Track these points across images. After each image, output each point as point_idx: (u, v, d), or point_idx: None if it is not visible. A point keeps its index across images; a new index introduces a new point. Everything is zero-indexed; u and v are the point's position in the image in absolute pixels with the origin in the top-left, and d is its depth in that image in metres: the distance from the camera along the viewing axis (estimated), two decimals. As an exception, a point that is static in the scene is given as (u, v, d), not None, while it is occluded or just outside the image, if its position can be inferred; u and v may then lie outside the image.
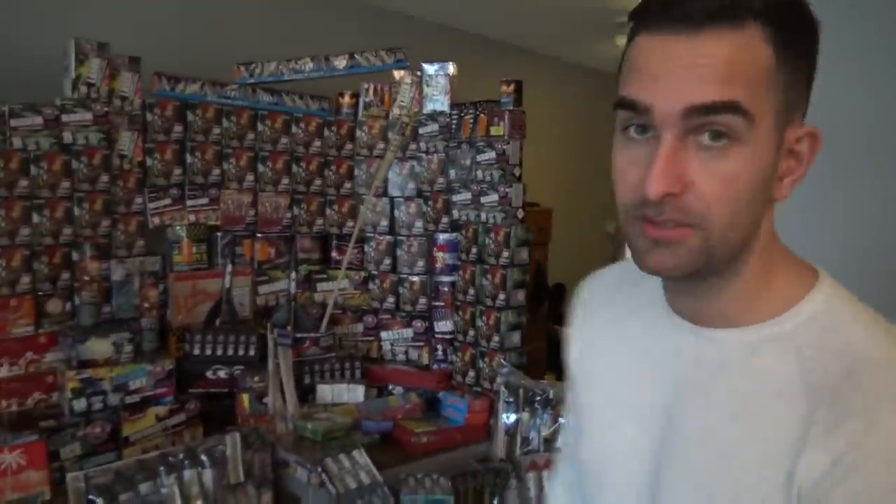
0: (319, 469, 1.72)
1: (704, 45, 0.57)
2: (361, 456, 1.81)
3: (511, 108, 2.25)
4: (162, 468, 1.56)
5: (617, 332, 0.79)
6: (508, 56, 4.45)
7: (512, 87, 2.27)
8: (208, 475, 1.62)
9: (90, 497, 1.46)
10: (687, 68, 0.57)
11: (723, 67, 0.56)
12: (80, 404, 1.82)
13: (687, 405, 0.68)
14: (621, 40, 4.02)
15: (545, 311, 4.50)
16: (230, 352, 2.11)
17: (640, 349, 0.75)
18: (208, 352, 2.09)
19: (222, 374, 2.10)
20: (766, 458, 0.61)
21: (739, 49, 0.57)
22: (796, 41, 0.60)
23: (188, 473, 1.59)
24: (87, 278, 1.94)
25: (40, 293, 1.93)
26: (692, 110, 0.57)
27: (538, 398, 2.06)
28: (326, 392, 2.17)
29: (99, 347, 1.88)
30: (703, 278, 0.66)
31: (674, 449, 0.68)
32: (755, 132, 0.58)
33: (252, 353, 2.13)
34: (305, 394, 2.16)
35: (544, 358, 3.90)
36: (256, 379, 2.03)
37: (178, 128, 2.20)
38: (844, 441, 0.57)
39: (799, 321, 0.64)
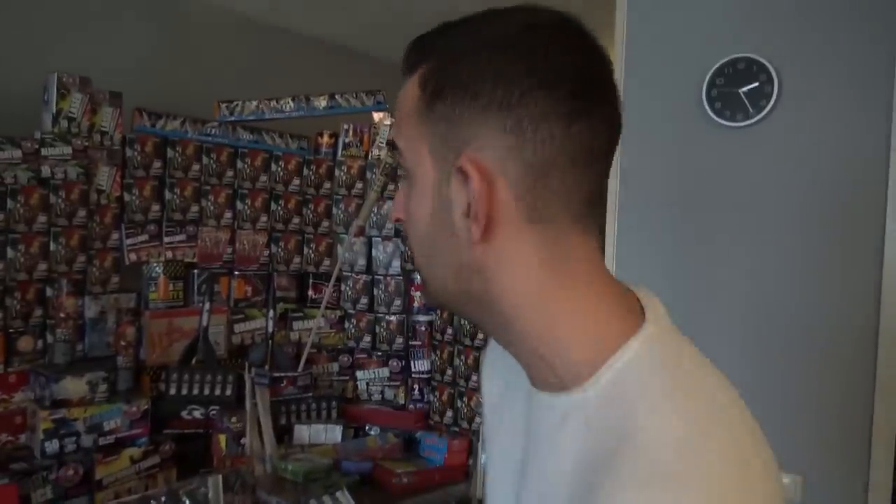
0: (303, 511, 1.70)
1: (399, 95, 0.63)
2: (345, 497, 1.79)
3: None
4: (143, 511, 1.52)
5: (504, 391, 0.75)
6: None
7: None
8: (190, 518, 1.58)
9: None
10: None
11: (396, 111, 0.63)
12: (52, 446, 1.76)
13: (524, 472, 0.65)
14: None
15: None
16: (206, 391, 2.08)
17: (511, 407, 0.71)
18: (184, 391, 2.05)
19: (198, 414, 2.05)
20: None
21: (403, 93, 0.62)
22: (454, 77, 0.57)
23: (170, 516, 1.55)
24: (62, 315, 1.89)
25: (11, 330, 1.88)
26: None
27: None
28: (304, 432, 2.14)
29: (73, 386, 1.83)
30: (492, 332, 0.64)
31: None
32: (414, 166, 0.60)
33: (229, 392, 2.09)
34: (282, 434, 2.13)
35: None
36: (234, 419, 2.00)
37: (157, 164, 2.19)
38: None
39: (599, 388, 0.57)
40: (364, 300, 2.48)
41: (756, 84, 1.85)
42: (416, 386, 2.40)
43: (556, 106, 0.55)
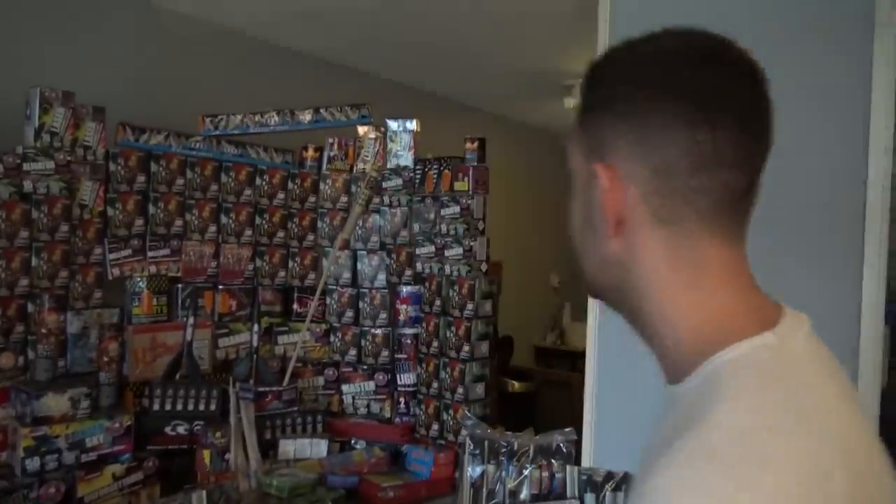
0: (289, 526, 1.69)
1: None
2: (331, 512, 1.78)
3: (475, 164, 2.32)
4: (126, 529, 1.50)
5: None
6: (463, 115, 4.58)
7: (476, 143, 2.34)
8: (174, 535, 1.56)
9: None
10: None
11: None
12: (33, 463, 1.74)
13: None
14: (569, 102, 4.18)
15: (496, 363, 4.53)
16: (190, 406, 2.06)
17: None
18: (168, 407, 2.03)
19: (182, 429, 2.04)
20: None
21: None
22: (596, 92, 0.67)
23: (153, 534, 1.53)
24: (44, 331, 1.87)
25: (-8, 347, 1.86)
26: None
27: (504, 450, 2.07)
28: (289, 447, 2.13)
29: (55, 403, 1.81)
30: (632, 323, 0.69)
31: None
32: (572, 165, 0.70)
33: (213, 407, 2.08)
34: (267, 449, 2.11)
35: (495, 410, 3.91)
36: (218, 434, 1.98)
37: (141, 178, 2.18)
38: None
39: (698, 379, 0.60)
40: (349, 313, 2.48)
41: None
42: (402, 399, 2.40)
43: (681, 115, 0.59)
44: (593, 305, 2.08)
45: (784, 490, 0.49)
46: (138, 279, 2.17)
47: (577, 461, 1.90)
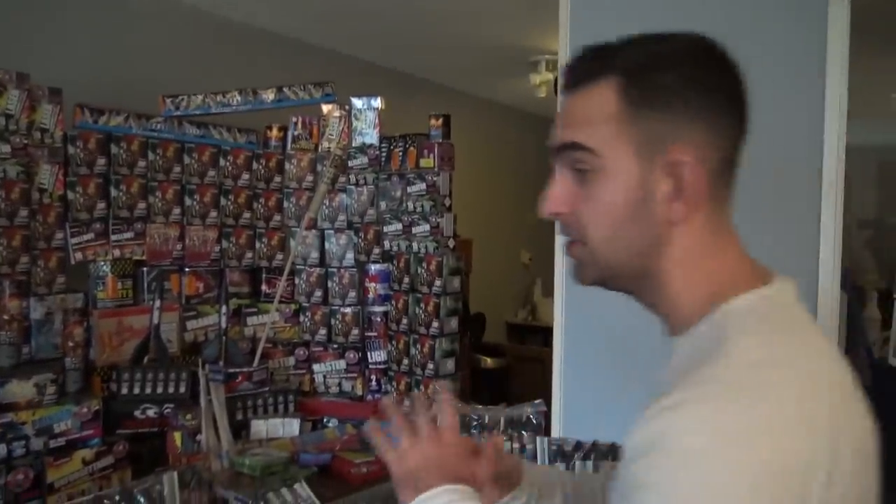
0: (262, 504, 1.69)
1: (568, 102, 0.76)
2: (303, 489, 1.79)
3: (440, 140, 2.32)
4: (97, 512, 1.49)
5: None
6: (429, 93, 4.55)
7: (440, 120, 2.34)
8: (146, 517, 1.56)
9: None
10: (558, 119, 0.76)
11: (572, 116, 0.74)
12: (0, 450, 1.72)
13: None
14: (536, 78, 4.18)
15: (468, 340, 4.56)
16: (160, 390, 2.05)
17: None
18: (136, 390, 2.02)
19: (152, 413, 2.03)
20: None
21: (588, 100, 0.73)
22: (654, 87, 0.71)
23: (125, 516, 1.53)
24: (6, 317, 1.84)
25: (-48, 334, 1.83)
26: (556, 149, 0.75)
27: (474, 423, 2.10)
28: (261, 427, 2.13)
29: (20, 389, 1.79)
30: (639, 294, 0.77)
31: None
32: (609, 163, 0.71)
33: (182, 390, 2.07)
34: (239, 430, 2.11)
35: (469, 386, 3.95)
36: (188, 416, 1.98)
37: (101, 161, 2.15)
38: (648, 413, 0.62)
39: (710, 322, 0.70)
40: (318, 293, 2.48)
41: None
42: (373, 377, 2.41)
43: (734, 112, 0.72)
44: (560, 280, 2.10)
45: (779, 413, 0.59)
46: (102, 263, 2.14)
47: (548, 432, 1.93)
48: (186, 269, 2.33)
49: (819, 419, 0.61)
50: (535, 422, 1.83)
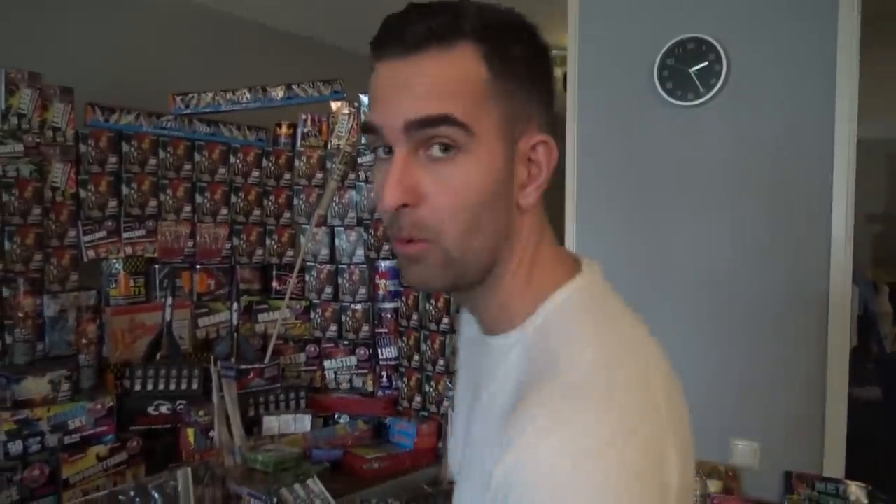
0: (275, 500, 1.71)
1: (418, 66, 0.61)
2: (316, 484, 1.80)
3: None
4: (113, 507, 1.51)
5: (465, 339, 0.86)
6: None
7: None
8: (161, 512, 1.57)
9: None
10: (403, 88, 0.61)
11: (434, 84, 0.61)
12: (16, 447, 1.74)
13: (473, 411, 0.74)
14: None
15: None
16: (172, 386, 2.07)
17: (469, 354, 0.83)
18: (150, 387, 2.04)
19: (165, 409, 2.04)
20: (492, 450, 0.61)
21: (450, 66, 0.61)
22: (513, 58, 0.63)
23: (140, 511, 1.54)
24: (21, 315, 1.86)
25: (-32, 332, 1.85)
26: (411, 125, 0.61)
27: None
28: (273, 423, 2.14)
29: (35, 386, 1.80)
30: (473, 289, 0.68)
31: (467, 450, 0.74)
32: (477, 142, 0.61)
33: (195, 386, 2.08)
34: (251, 426, 2.13)
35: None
36: (201, 413, 1.99)
37: (112, 159, 2.16)
38: (507, 439, 0.57)
39: (536, 324, 0.66)
40: (329, 290, 2.48)
41: (706, 63, 1.89)
42: (384, 373, 2.42)
43: (554, 96, 0.68)
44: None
45: (628, 406, 0.57)
46: (114, 261, 2.16)
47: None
48: (198, 267, 2.34)
49: (659, 401, 0.60)
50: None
